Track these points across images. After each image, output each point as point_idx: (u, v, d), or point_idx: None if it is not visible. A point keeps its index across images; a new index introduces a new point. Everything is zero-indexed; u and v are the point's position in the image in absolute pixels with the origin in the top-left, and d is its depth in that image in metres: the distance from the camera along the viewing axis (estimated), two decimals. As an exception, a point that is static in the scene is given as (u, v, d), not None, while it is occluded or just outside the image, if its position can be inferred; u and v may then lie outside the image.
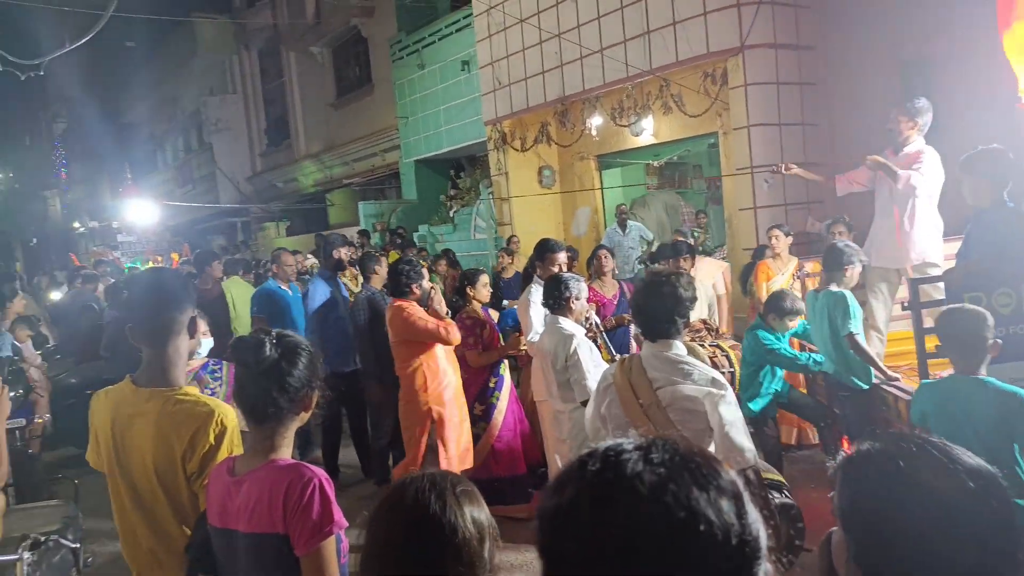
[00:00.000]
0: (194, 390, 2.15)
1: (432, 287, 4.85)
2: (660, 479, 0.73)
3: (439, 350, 4.58)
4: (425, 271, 4.99)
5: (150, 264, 14.32)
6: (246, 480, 1.75)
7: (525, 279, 5.52)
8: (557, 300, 3.86)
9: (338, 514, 1.72)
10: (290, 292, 6.07)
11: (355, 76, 18.06)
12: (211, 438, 2.02)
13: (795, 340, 5.12)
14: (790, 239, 6.03)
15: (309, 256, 9.49)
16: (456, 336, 4.56)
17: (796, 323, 4.71)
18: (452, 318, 4.93)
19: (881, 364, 4.12)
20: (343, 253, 6.17)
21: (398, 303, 4.61)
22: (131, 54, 27.84)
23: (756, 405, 4.62)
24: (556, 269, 4.58)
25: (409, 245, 11.80)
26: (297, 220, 20.49)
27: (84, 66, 23.74)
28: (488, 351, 4.85)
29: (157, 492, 2.06)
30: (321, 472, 1.76)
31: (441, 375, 4.60)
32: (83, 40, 5.48)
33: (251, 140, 22.95)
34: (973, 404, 2.81)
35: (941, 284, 3.72)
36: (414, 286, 4.64)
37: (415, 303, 4.66)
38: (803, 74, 7.84)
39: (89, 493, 2.23)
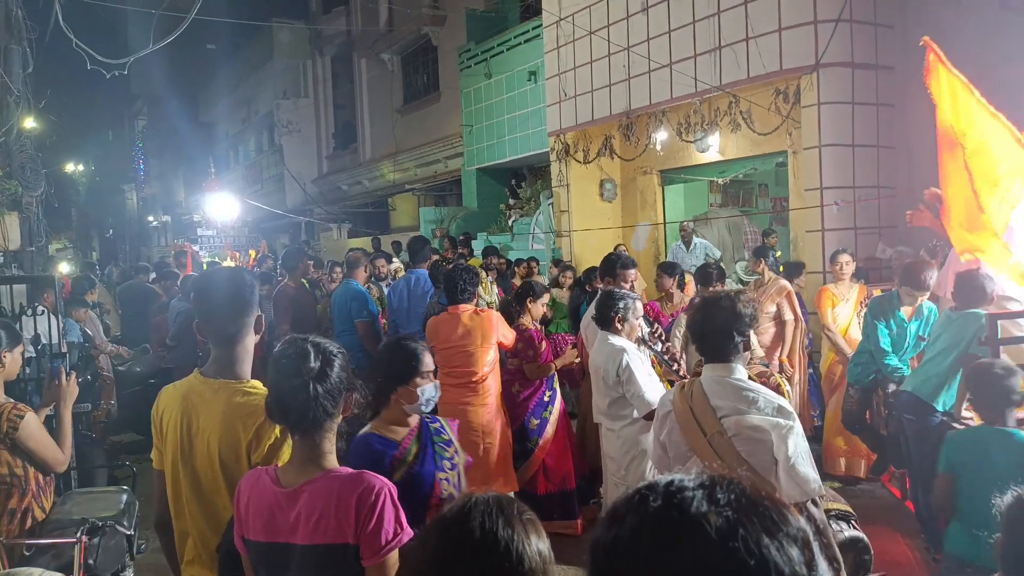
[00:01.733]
0: (259, 384, 2.20)
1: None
2: (728, 522, 0.70)
3: None
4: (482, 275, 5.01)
5: (228, 260, 14.63)
6: (304, 491, 1.74)
7: (582, 294, 5.44)
8: (604, 315, 3.80)
9: (405, 522, 1.75)
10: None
11: (423, 83, 18.33)
12: (277, 430, 2.06)
13: None
14: (854, 265, 5.84)
15: (395, 259, 9.48)
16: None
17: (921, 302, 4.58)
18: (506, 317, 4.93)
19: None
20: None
21: (481, 310, 4.59)
22: (211, 56, 28.90)
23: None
24: (628, 287, 4.47)
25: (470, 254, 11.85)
26: (359, 223, 20.86)
27: (166, 66, 24.76)
28: (545, 364, 4.81)
29: (219, 481, 2.10)
30: (387, 480, 1.77)
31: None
32: (166, 41, 5.68)
33: (319, 143, 23.51)
34: (995, 453, 2.97)
35: (1021, 320, 3.53)
36: (475, 292, 4.66)
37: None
38: (880, 94, 7.59)
39: (147, 480, 2.28)
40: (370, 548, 1.68)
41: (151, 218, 36.52)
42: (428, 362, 2.62)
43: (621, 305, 3.78)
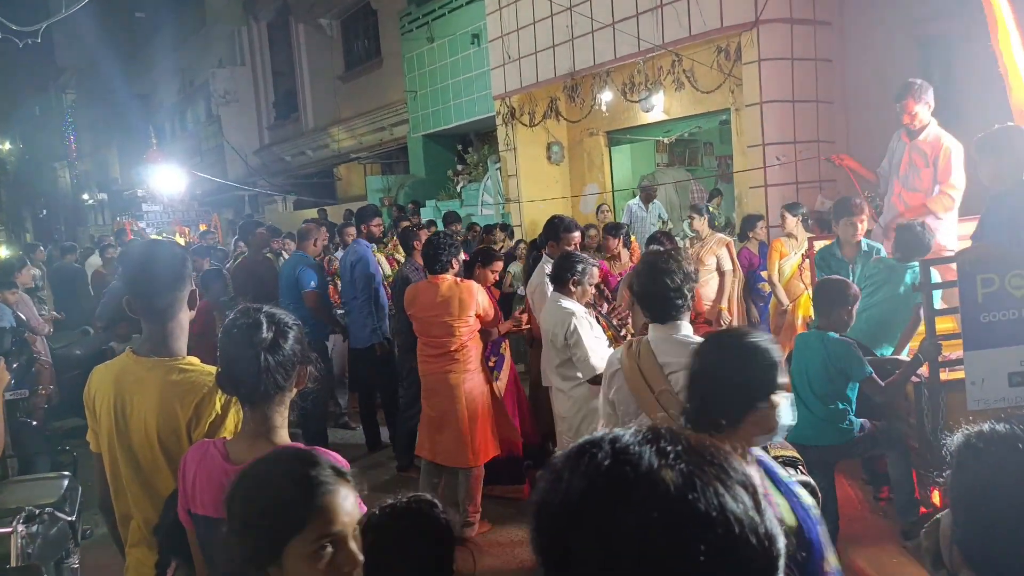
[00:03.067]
0: (196, 360, 2.15)
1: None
2: (683, 475, 0.68)
3: None
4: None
5: (177, 236, 14.12)
6: None
7: (533, 260, 5.43)
8: (560, 276, 3.80)
9: (359, 500, 1.72)
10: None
11: (364, 49, 17.90)
12: (217, 407, 2.02)
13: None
14: (798, 218, 5.97)
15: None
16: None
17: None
18: None
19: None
20: (376, 227, 6.22)
21: (460, 280, 4.50)
22: (141, 24, 27.72)
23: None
24: (571, 249, 4.49)
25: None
26: (304, 194, 20.45)
27: (93, 37, 23.65)
28: (485, 330, 4.78)
29: (159, 461, 2.05)
30: (339, 457, 1.72)
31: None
32: (78, 6, 5.39)
33: (259, 113, 22.84)
34: (811, 350, 3.65)
35: (954, 266, 3.64)
36: (454, 260, 4.55)
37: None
38: (818, 50, 7.67)
39: (90, 464, 2.22)
40: None
41: (86, 196, 35.18)
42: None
43: (579, 268, 3.78)
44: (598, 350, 3.62)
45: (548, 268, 4.26)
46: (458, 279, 4.49)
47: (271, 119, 22.62)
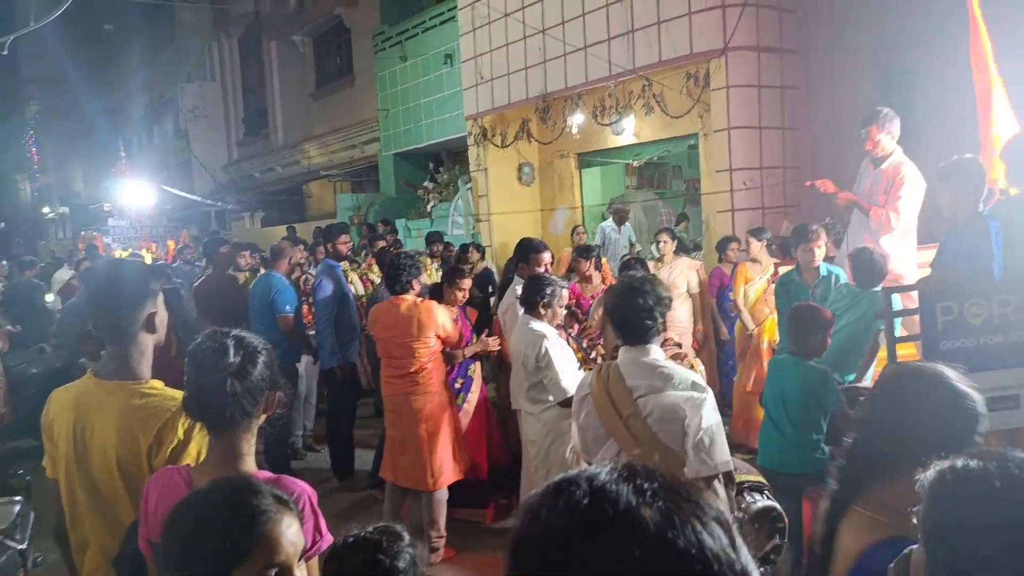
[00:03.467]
0: (160, 384, 2.09)
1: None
2: (662, 513, 0.69)
3: None
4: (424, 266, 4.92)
5: (144, 252, 13.74)
6: None
7: (504, 282, 5.42)
8: (530, 299, 3.80)
9: (325, 527, 1.70)
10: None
11: (336, 67, 17.87)
12: (180, 433, 1.96)
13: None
14: (763, 243, 6.05)
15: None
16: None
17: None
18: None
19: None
20: (343, 244, 6.06)
21: (420, 301, 4.46)
22: (110, 37, 27.36)
23: None
24: (541, 271, 4.48)
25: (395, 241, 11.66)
26: (273, 211, 20.26)
27: (60, 49, 23.30)
28: (452, 351, 4.75)
29: (119, 489, 1.99)
30: (306, 485, 1.70)
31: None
32: (46, 20, 5.31)
33: (228, 128, 22.65)
34: (788, 377, 3.67)
35: (915, 294, 3.71)
36: (415, 282, 4.54)
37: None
38: (785, 78, 7.84)
39: (45, 489, 2.15)
40: None
41: (47, 209, 34.46)
42: None
43: (548, 291, 3.78)
44: (569, 372, 3.62)
45: (519, 290, 4.26)
46: (418, 300, 4.46)
47: (240, 135, 22.44)
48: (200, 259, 10.21)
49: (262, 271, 6.54)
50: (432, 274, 8.45)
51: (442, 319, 4.41)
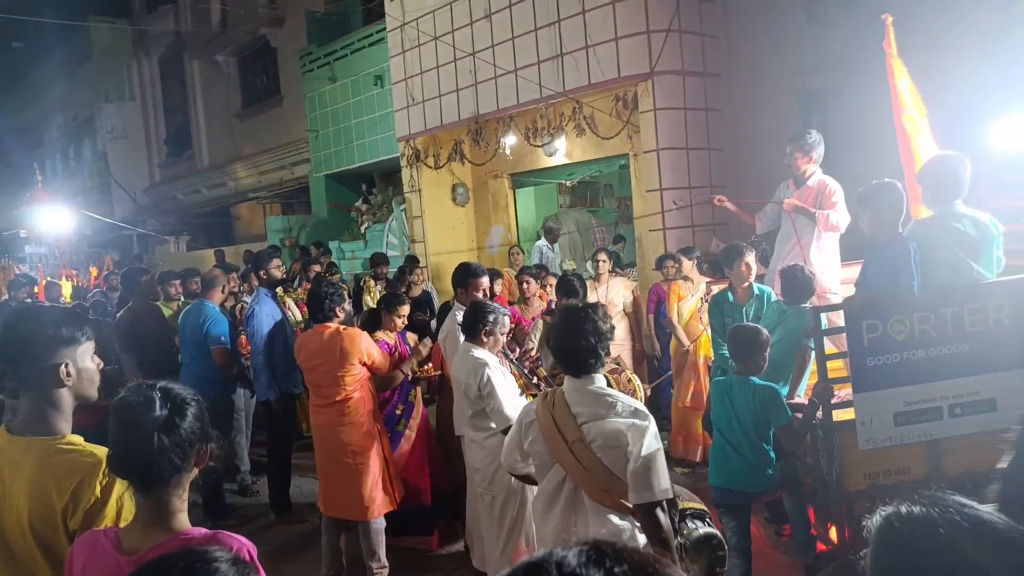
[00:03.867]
0: (79, 439, 1.96)
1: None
2: None
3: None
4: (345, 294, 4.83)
5: (64, 280, 13.01)
6: (150, 559, 1.56)
7: (443, 308, 5.39)
8: (472, 327, 3.79)
9: None
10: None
11: (263, 87, 17.56)
12: (97, 491, 1.84)
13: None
14: (694, 262, 6.22)
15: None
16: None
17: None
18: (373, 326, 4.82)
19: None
20: (276, 269, 5.76)
21: (343, 328, 4.39)
22: (19, 55, 26.16)
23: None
24: (479, 295, 4.47)
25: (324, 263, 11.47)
26: (199, 234, 19.68)
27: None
28: (388, 375, 4.66)
29: (34, 551, 1.86)
30: (244, 540, 1.63)
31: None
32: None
33: (150, 149, 21.95)
34: (738, 397, 3.71)
35: (841, 312, 3.87)
36: (338, 309, 4.48)
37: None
38: (709, 100, 8.10)
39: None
40: None
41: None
42: None
43: (491, 319, 3.77)
44: (511, 400, 3.62)
45: (459, 316, 4.25)
46: (341, 327, 4.40)
47: (163, 156, 21.77)
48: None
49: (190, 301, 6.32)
50: (376, 296, 8.34)
51: (366, 346, 4.36)
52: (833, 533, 3.96)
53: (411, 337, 5.14)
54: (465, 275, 4.59)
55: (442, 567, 4.66)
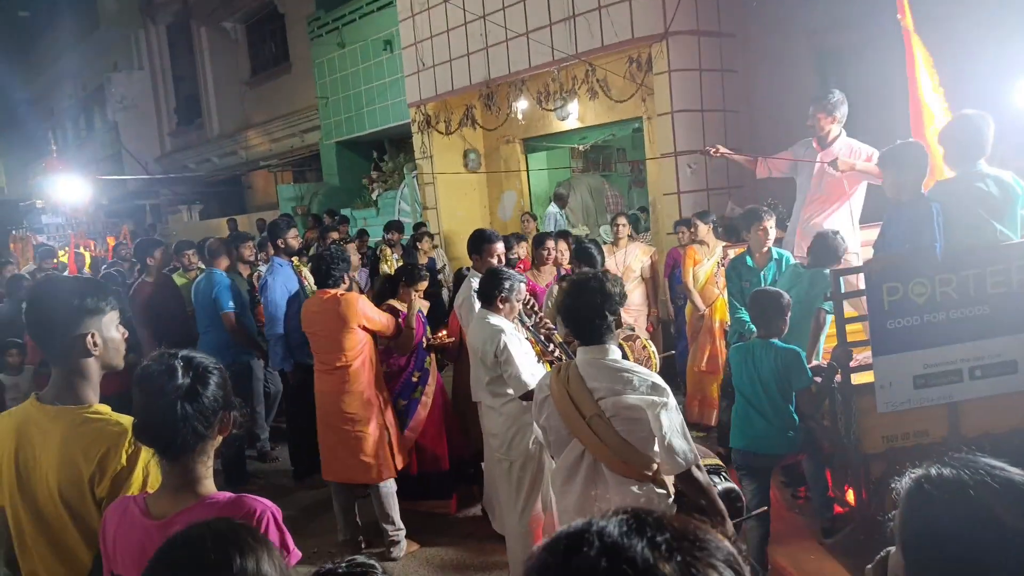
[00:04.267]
0: (106, 408, 1.99)
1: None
2: (681, 568, 0.68)
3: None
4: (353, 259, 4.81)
5: (82, 250, 12.94)
6: (178, 523, 1.57)
7: (459, 276, 5.38)
8: (488, 293, 3.78)
9: (292, 544, 1.65)
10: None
11: (271, 54, 17.41)
12: (123, 459, 1.87)
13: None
14: (710, 226, 6.15)
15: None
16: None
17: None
18: (380, 304, 4.81)
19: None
20: (293, 238, 5.75)
21: (341, 294, 4.39)
22: (25, 25, 26.05)
23: None
24: (495, 261, 4.43)
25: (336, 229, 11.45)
26: (212, 203, 19.70)
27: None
28: (404, 341, 4.69)
29: (64, 518, 1.91)
30: (268, 503, 1.65)
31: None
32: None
33: (160, 119, 21.90)
34: (761, 360, 3.69)
35: (858, 275, 3.83)
36: (346, 276, 4.50)
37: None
38: (724, 61, 7.95)
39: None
40: None
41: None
42: None
43: (507, 285, 3.75)
44: (528, 366, 3.62)
45: (474, 282, 4.24)
46: (340, 292, 4.40)
47: (173, 125, 21.72)
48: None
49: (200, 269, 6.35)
50: (392, 264, 8.33)
51: (365, 309, 4.35)
52: (850, 495, 3.96)
53: (423, 304, 5.15)
54: (480, 241, 4.57)
55: (459, 530, 4.72)
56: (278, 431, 6.35)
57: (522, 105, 9.29)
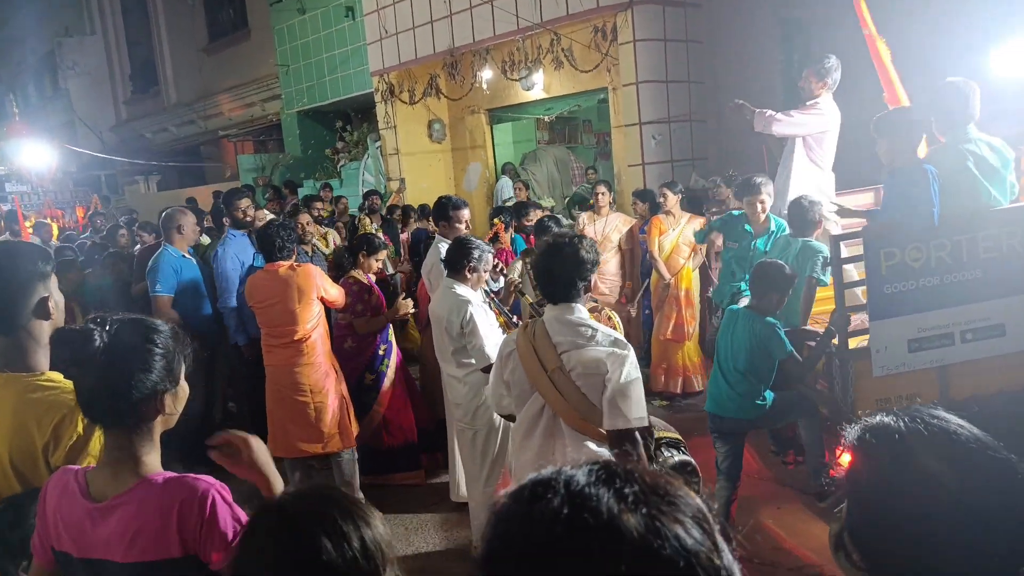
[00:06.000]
0: (58, 376, 1.92)
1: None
2: (645, 520, 0.66)
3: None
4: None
5: (49, 221, 12.33)
6: (117, 508, 1.52)
7: (426, 241, 5.33)
8: (456, 263, 3.76)
9: (246, 518, 1.56)
10: (193, 260, 5.28)
11: (229, 19, 16.90)
12: (79, 427, 1.83)
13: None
14: (679, 196, 6.17)
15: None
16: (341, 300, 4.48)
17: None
18: (337, 280, 4.76)
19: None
20: (247, 208, 5.42)
21: (297, 265, 4.33)
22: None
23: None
24: (462, 228, 4.40)
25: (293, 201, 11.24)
26: (170, 174, 19.20)
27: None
28: (375, 317, 4.70)
29: (14, 487, 1.86)
30: (212, 480, 1.57)
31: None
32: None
33: (114, 86, 21.20)
34: (739, 328, 3.82)
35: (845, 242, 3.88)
36: (294, 248, 4.44)
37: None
38: (689, 31, 7.95)
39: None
40: (211, 554, 1.51)
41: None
42: None
43: (476, 255, 3.73)
44: (492, 338, 3.62)
45: (442, 248, 4.20)
46: (294, 264, 4.35)
47: (128, 93, 21.06)
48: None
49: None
50: (370, 230, 8.19)
51: (320, 281, 4.32)
52: (844, 459, 4.03)
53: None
54: (446, 208, 4.53)
55: (424, 501, 4.72)
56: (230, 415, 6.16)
57: (487, 75, 9.20)
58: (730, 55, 7.93)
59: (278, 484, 1.62)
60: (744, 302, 4.22)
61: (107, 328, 1.51)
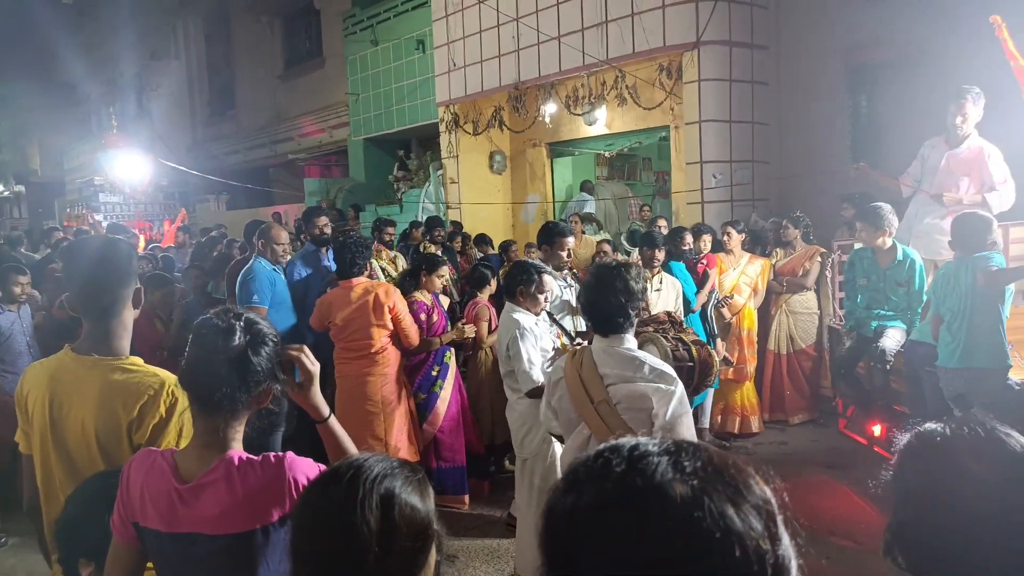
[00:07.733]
0: (140, 360, 2.07)
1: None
2: (693, 491, 0.68)
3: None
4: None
5: (136, 232, 12.69)
6: (207, 486, 1.60)
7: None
8: (509, 287, 3.81)
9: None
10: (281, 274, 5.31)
11: (305, 49, 17.58)
12: (162, 410, 1.95)
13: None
14: (742, 236, 6.12)
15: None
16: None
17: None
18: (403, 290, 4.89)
19: None
20: (324, 225, 5.56)
21: (375, 283, 4.48)
22: (68, 12, 26.49)
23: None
24: (564, 256, 4.33)
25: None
26: (238, 194, 19.88)
27: (13, 23, 22.54)
28: (428, 338, 4.77)
29: (97, 464, 1.97)
30: (292, 455, 1.67)
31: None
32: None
33: (193, 109, 22.19)
34: (960, 276, 3.99)
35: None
36: (368, 265, 4.62)
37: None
38: (755, 72, 7.94)
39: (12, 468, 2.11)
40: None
41: (0, 187, 33.31)
42: None
43: (526, 278, 3.77)
44: (538, 364, 3.62)
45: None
46: (373, 282, 4.53)
47: (206, 116, 22.00)
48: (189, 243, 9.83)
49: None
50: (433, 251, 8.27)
51: (398, 300, 4.45)
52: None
53: (444, 299, 5.20)
54: (551, 233, 4.40)
55: (466, 523, 4.71)
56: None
57: (550, 109, 9.33)
58: (796, 98, 7.90)
59: (324, 410, 1.79)
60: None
61: (246, 326, 1.64)
